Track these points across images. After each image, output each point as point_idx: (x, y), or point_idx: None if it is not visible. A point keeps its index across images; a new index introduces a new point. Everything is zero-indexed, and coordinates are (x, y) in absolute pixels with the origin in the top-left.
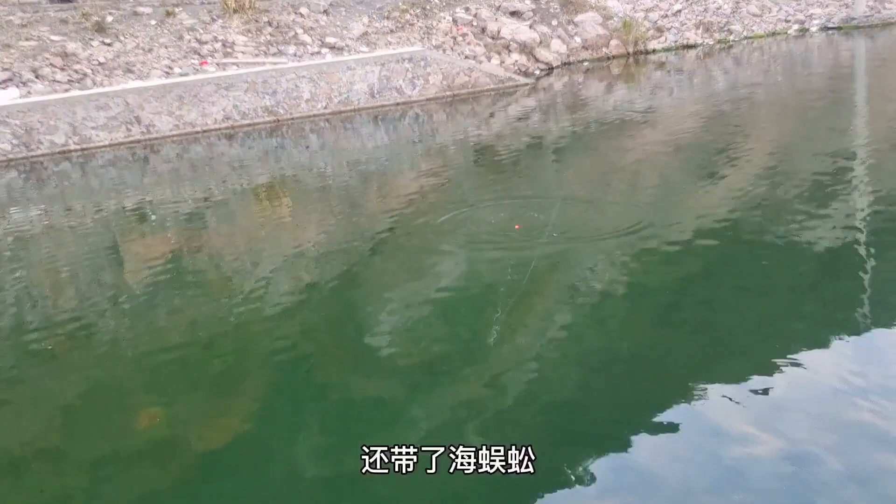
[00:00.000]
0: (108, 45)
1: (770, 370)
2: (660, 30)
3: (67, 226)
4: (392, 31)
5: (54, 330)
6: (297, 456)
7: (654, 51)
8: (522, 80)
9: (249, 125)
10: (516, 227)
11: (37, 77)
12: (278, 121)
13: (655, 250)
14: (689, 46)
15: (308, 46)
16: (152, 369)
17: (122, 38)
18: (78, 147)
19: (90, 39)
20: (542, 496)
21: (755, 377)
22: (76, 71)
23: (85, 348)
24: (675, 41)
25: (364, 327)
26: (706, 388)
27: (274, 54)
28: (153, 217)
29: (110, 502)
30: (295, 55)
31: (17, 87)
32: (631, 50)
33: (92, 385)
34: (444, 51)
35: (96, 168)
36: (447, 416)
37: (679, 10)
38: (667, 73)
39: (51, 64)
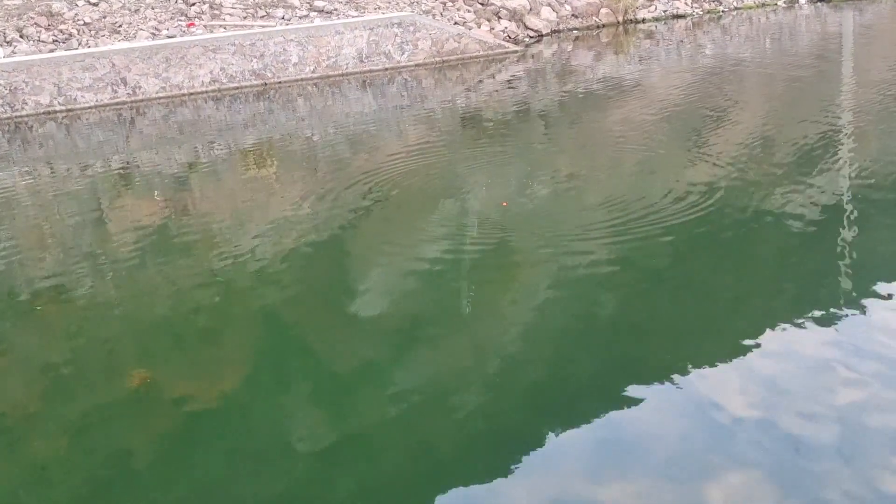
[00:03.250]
0: (94, 5)
1: (753, 339)
2: None
3: (53, 187)
4: None
5: (41, 291)
6: (282, 418)
7: (643, 20)
8: (512, 47)
9: (237, 88)
10: (503, 204)
11: (21, 37)
12: (266, 84)
13: (640, 221)
14: (678, 16)
15: (297, 10)
16: (139, 331)
17: None
18: (63, 108)
19: None
20: (521, 462)
21: (737, 347)
22: (61, 31)
23: (72, 310)
24: (665, 10)
25: (351, 292)
26: (688, 358)
27: (262, 17)
28: (139, 179)
29: (97, 463)
30: (283, 18)
31: (2, 46)
32: (621, 19)
33: (78, 346)
34: (434, 16)
35: (81, 129)
36: (430, 383)
37: None
38: (656, 43)
39: (35, 23)
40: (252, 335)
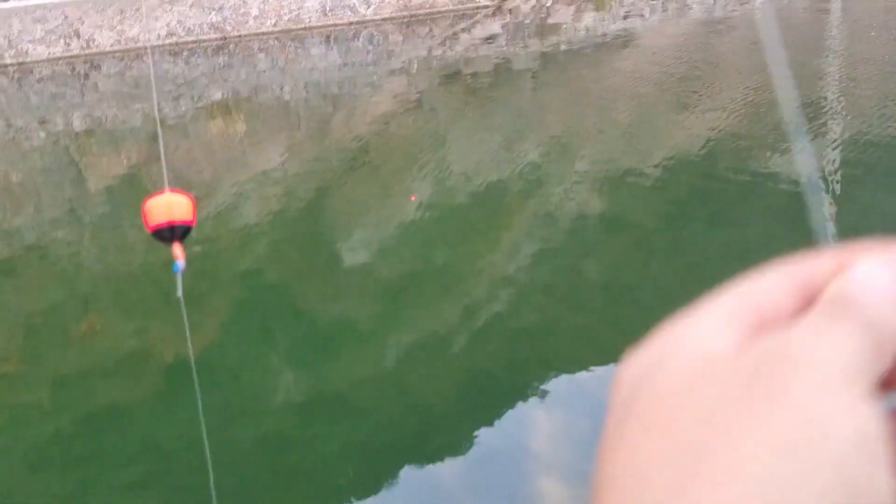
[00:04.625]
0: None
1: None
2: None
3: (13, 141)
4: None
5: (14, 245)
6: (264, 372)
7: None
8: (484, 1)
9: (195, 42)
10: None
11: None
12: (225, 38)
13: (629, 181)
14: None
15: None
16: (118, 284)
17: None
18: (14, 61)
19: None
20: (504, 414)
21: None
22: None
23: (47, 263)
24: None
25: (335, 249)
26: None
27: None
28: (103, 135)
29: (79, 414)
30: None
31: None
32: None
33: (55, 299)
34: None
35: (34, 84)
36: (415, 339)
37: None
38: None
39: None
40: (234, 289)
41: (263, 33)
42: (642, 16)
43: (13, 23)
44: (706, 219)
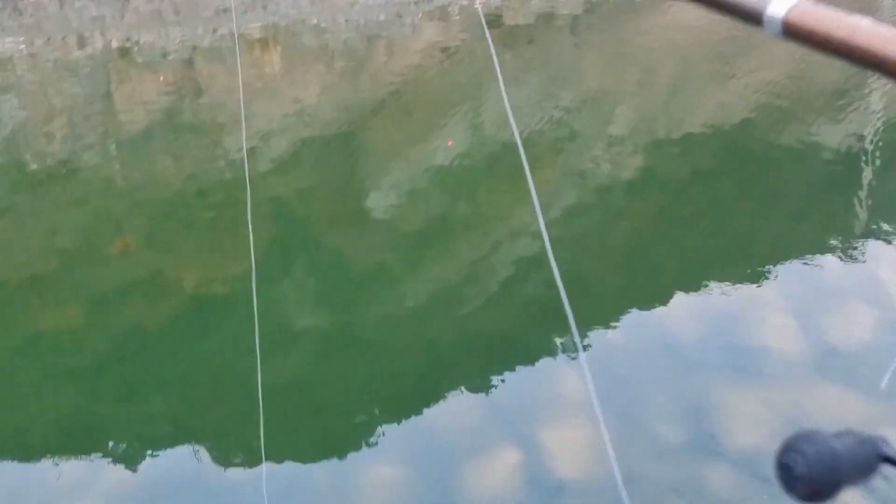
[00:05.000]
0: None
1: (769, 269)
2: None
3: (52, 59)
4: None
5: (46, 162)
6: (288, 308)
7: None
8: None
9: None
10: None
11: None
12: None
13: (665, 143)
14: None
15: None
16: (145, 208)
17: None
18: None
19: None
20: (519, 369)
21: (753, 273)
22: None
23: (77, 182)
24: None
25: (362, 190)
26: (702, 283)
27: None
28: (141, 58)
29: (102, 334)
30: None
31: None
32: None
33: (85, 218)
34: None
35: (73, 2)
36: (436, 287)
37: None
38: None
39: None
40: (261, 224)
41: None
42: None
43: None
44: (740, 187)
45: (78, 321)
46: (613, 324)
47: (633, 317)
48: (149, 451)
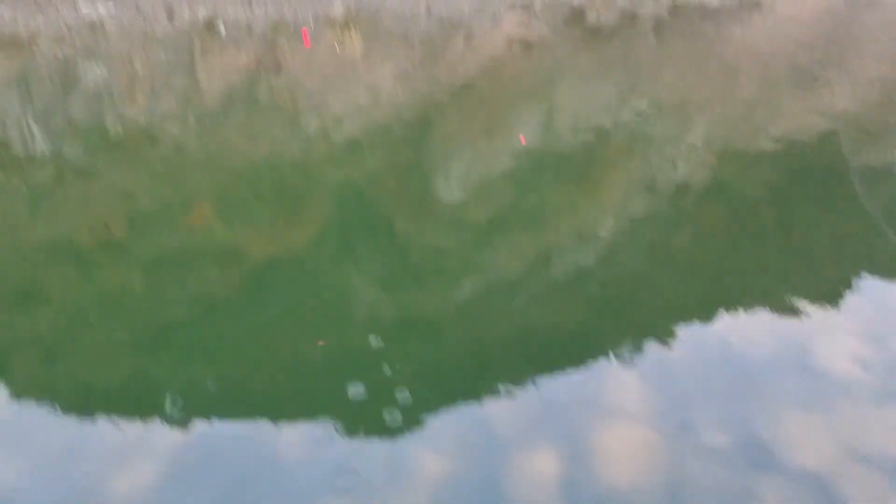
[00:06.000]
0: None
1: (839, 288)
2: None
3: (140, 29)
4: None
5: (128, 127)
6: (347, 288)
7: None
8: None
9: None
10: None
11: None
12: None
13: (744, 153)
14: None
15: None
16: (219, 177)
17: None
18: None
19: None
20: (568, 369)
21: (821, 290)
22: None
23: (156, 149)
24: None
25: (431, 177)
26: (766, 297)
27: None
28: (226, 32)
29: (168, 298)
30: None
31: None
32: None
33: (160, 184)
34: None
35: None
36: (495, 279)
37: None
38: None
39: None
40: (328, 203)
41: None
42: None
43: None
44: (816, 203)
45: (146, 284)
46: (673, 331)
47: (694, 326)
48: (204, 415)
